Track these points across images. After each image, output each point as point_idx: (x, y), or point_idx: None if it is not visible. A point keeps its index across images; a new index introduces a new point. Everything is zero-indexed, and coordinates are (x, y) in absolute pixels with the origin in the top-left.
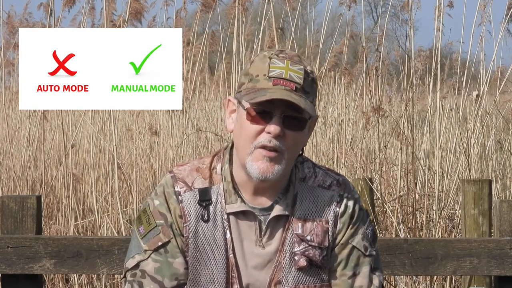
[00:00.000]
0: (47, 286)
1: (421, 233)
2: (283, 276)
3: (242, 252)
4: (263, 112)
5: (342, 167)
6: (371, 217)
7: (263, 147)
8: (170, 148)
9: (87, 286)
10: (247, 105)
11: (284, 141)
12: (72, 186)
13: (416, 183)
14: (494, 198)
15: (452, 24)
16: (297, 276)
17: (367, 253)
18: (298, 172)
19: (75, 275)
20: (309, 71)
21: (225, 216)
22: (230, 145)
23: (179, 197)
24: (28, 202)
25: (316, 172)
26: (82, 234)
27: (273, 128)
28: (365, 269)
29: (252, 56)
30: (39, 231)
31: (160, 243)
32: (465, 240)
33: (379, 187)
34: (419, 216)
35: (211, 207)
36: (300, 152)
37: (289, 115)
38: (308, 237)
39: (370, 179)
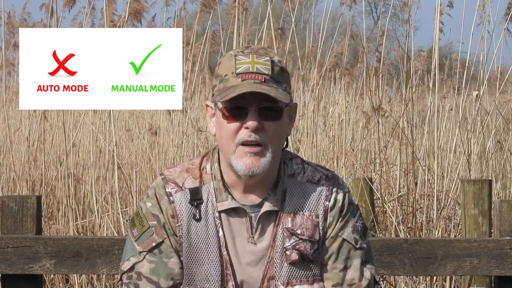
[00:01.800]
0: (47, 286)
1: (421, 233)
2: (275, 272)
3: (235, 250)
4: (237, 108)
5: (342, 167)
6: (371, 217)
7: (245, 143)
8: (170, 148)
9: (87, 286)
10: (221, 105)
11: (264, 133)
12: (72, 186)
13: (416, 183)
14: (494, 198)
15: (452, 24)
16: (289, 271)
17: (358, 246)
18: (287, 168)
19: (75, 275)
20: (276, 60)
21: (217, 214)
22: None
23: (171, 197)
24: (28, 202)
25: (305, 168)
26: (82, 234)
27: (250, 122)
28: (356, 262)
29: None
30: (39, 231)
31: (154, 244)
32: (465, 240)
33: (379, 187)
34: (419, 216)
35: (202, 206)
36: (285, 143)
37: (263, 106)
38: (298, 231)
39: (370, 179)
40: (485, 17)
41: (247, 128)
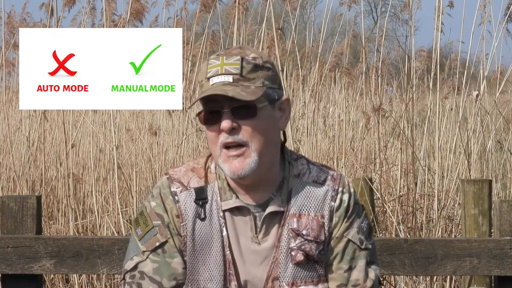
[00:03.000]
0: (47, 286)
1: (421, 233)
2: (280, 272)
3: (239, 249)
4: (212, 112)
5: (342, 167)
6: (371, 217)
7: (225, 145)
8: (170, 148)
9: (87, 286)
10: (202, 111)
11: (242, 133)
12: (72, 186)
13: (416, 183)
14: (494, 198)
15: (452, 24)
16: (294, 272)
17: (363, 247)
18: (292, 168)
19: (75, 275)
20: (250, 58)
21: (221, 214)
22: None
23: (176, 197)
24: (28, 202)
25: (310, 168)
26: (82, 234)
27: (223, 123)
28: (361, 263)
29: None
30: (39, 231)
31: (157, 244)
32: (465, 240)
33: (379, 187)
34: (419, 216)
35: (207, 205)
36: (282, 139)
37: (235, 106)
38: (304, 232)
39: (370, 179)
40: (486, 17)
41: (222, 130)
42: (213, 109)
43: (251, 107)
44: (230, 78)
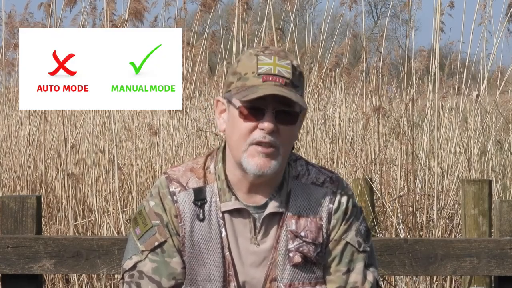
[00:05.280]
0: (47, 286)
1: (421, 233)
2: (278, 273)
3: (238, 250)
4: (255, 109)
5: (342, 167)
6: (371, 217)
7: (258, 143)
8: (170, 148)
9: (87, 286)
10: (238, 103)
11: (278, 136)
12: (72, 186)
13: (416, 183)
14: (494, 198)
15: (452, 24)
16: (292, 273)
17: (361, 249)
18: (292, 170)
19: (75, 275)
20: (295, 65)
21: (220, 215)
22: (223, 144)
23: (174, 197)
24: (28, 202)
25: (309, 169)
26: (82, 234)
27: (266, 124)
28: (359, 265)
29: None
30: (39, 231)
31: (156, 243)
32: (465, 240)
33: (379, 187)
34: (419, 216)
35: (206, 206)
36: (293, 146)
37: (281, 110)
38: (302, 233)
39: (370, 179)
40: (486, 17)
41: (262, 129)
42: (257, 106)
43: (294, 114)
44: (282, 81)
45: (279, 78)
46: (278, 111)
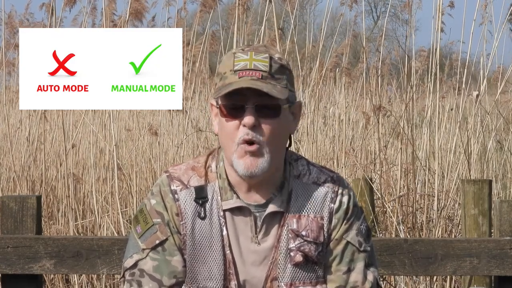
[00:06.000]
0: (47, 286)
1: (421, 233)
2: (279, 273)
3: (239, 249)
4: (235, 106)
5: (342, 167)
6: (371, 217)
7: (245, 142)
8: (170, 148)
9: (87, 286)
10: (219, 102)
11: (261, 131)
12: (72, 186)
13: (416, 183)
14: (494, 198)
15: (452, 24)
16: (293, 272)
17: (362, 249)
18: (293, 169)
19: (75, 275)
20: (276, 58)
21: (221, 213)
22: None
23: (175, 195)
24: (28, 202)
25: (310, 169)
26: (82, 234)
27: (247, 119)
28: (359, 265)
29: None
30: (39, 231)
31: (157, 241)
32: (465, 240)
33: (379, 187)
34: (419, 216)
35: (207, 204)
36: (288, 143)
37: (261, 104)
38: (303, 233)
39: (370, 179)
40: (486, 17)
41: (244, 125)
42: (237, 103)
43: (276, 107)
44: (259, 74)
45: (255, 72)
46: (259, 105)
